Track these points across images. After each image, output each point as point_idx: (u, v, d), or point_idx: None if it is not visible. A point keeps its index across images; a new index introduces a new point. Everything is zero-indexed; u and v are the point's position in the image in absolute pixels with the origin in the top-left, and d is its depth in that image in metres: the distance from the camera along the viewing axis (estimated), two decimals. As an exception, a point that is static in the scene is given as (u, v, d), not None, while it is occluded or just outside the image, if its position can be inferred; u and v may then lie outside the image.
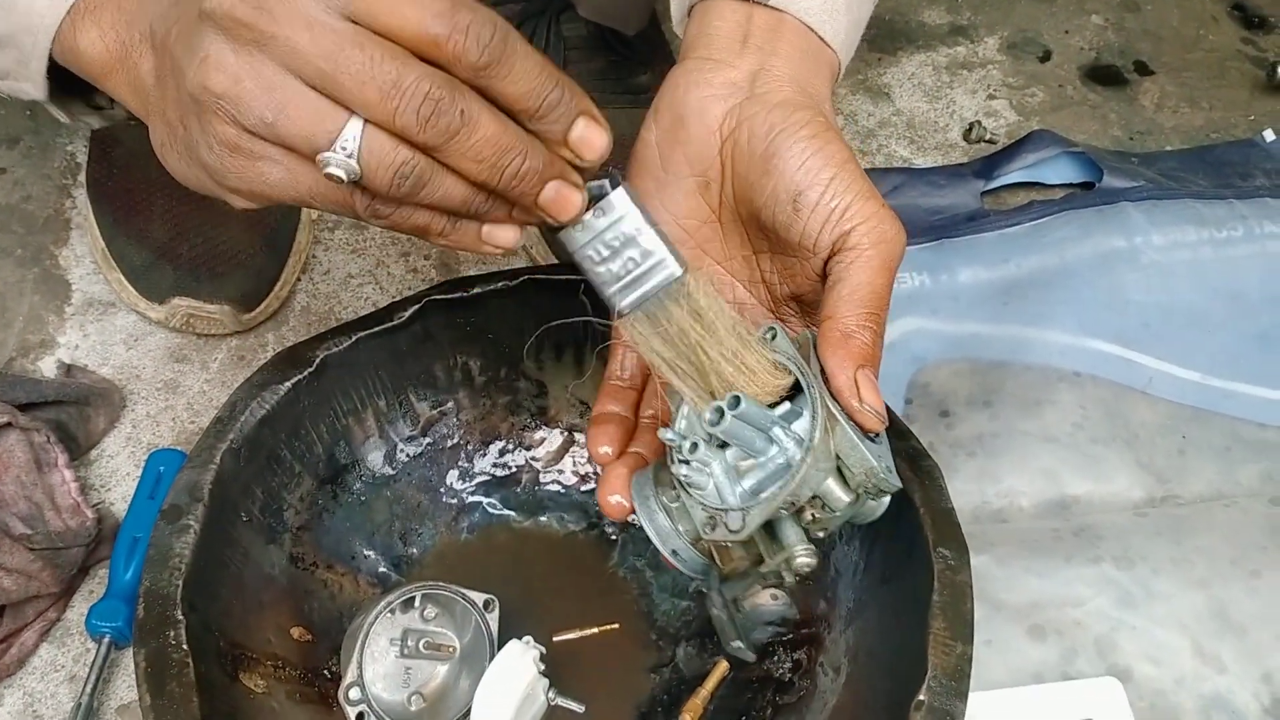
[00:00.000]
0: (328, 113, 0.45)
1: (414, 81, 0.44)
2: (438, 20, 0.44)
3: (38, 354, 0.85)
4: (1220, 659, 0.71)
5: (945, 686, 0.55)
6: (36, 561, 0.69)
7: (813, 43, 0.58)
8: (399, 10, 0.44)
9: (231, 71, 0.45)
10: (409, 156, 0.45)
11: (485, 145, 0.45)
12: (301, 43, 0.44)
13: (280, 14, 0.44)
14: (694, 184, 0.58)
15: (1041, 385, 0.84)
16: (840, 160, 0.54)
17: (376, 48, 0.44)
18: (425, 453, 0.74)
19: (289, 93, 0.45)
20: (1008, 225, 0.93)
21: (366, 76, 0.44)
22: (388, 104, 0.44)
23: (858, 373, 0.51)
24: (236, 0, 0.44)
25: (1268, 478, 0.81)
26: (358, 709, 0.62)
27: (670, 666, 0.69)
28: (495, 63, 0.45)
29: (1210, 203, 0.93)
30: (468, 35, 0.44)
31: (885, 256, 0.53)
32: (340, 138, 0.45)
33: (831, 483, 0.50)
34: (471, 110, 0.45)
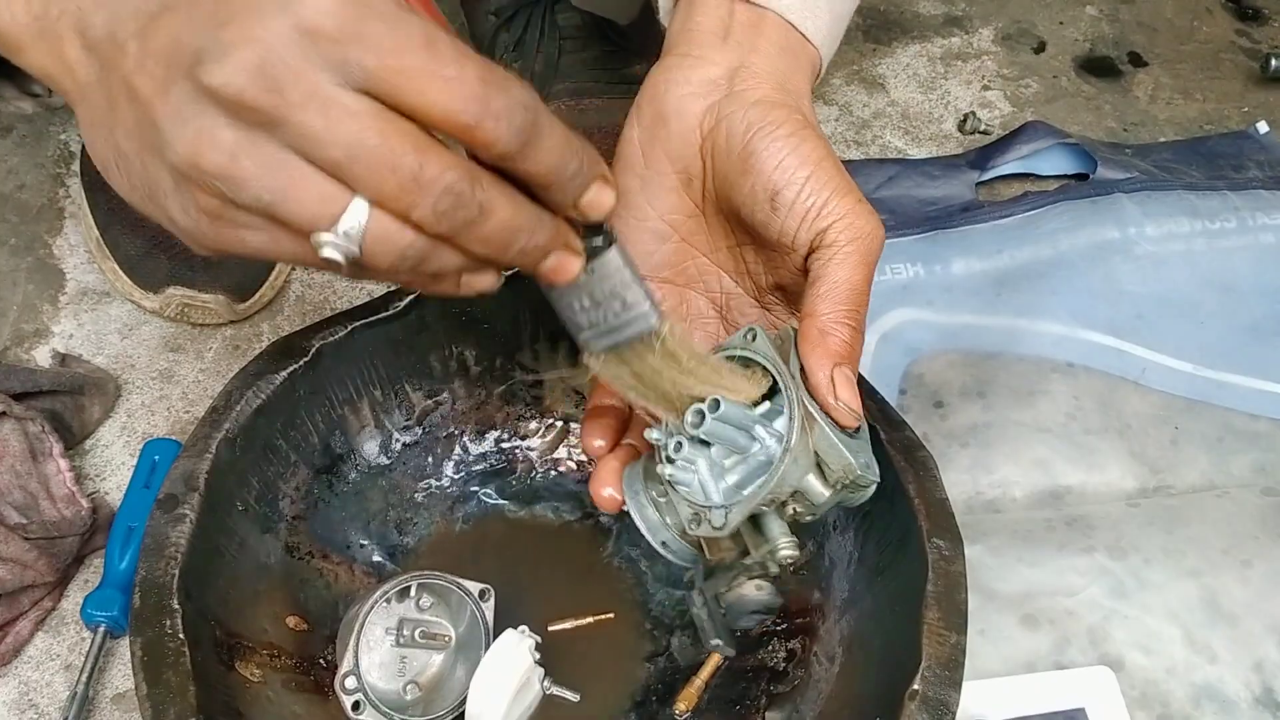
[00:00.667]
0: (333, 196, 0.41)
1: (436, 175, 0.41)
2: (469, 105, 0.41)
3: (32, 343, 0.85)
4: (1211, 648, 0.72)
5: (939, 676, 0.55)
6: (31, 551, 0.69)
7: (793, 38, 0.58)
8: (426, 91, 0.40)
9: (228, 149, 0.40)
10: (414, 240, 0.42)
11: (497, 232, 0.44)
12: (315, 127, 0.40)
13: (294, 96, 0.39)
14: (676, 180, 0.58)
15: (1035, 376, 0.85)
16: (817, 158, 0.54)
17: (396, 134, 0.40)
18: (420, 442, 0.74)
19: (292, 174, 0.41)
20: (1002, 216, 0.93)
21: (385, 166, 0.40)
22: (405, 197, 0.41)
23: (834, 370, 0.51)
24: (247, 82, 0.39)
25: (1259, 468, 0.81)
26: (354, 697, 0.62)
27: (665, 655, 0.69)
28: (523, 147, 0.42)
29: (1204, 194, 0.94)
30: (500, 122, 0.41)
31: (863, 252, 0.53)
32: (343, 221, 0.41)
33: (811, 478, 0.51)
34: (490, 200, 0.43)
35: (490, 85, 0.41)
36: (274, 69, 0.39)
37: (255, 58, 0.39)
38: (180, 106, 0.40)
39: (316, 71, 0.39)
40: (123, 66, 0.42)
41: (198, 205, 0.42)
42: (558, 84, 0.92)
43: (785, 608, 0.69)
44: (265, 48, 0.39)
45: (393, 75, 0.40)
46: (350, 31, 0.39)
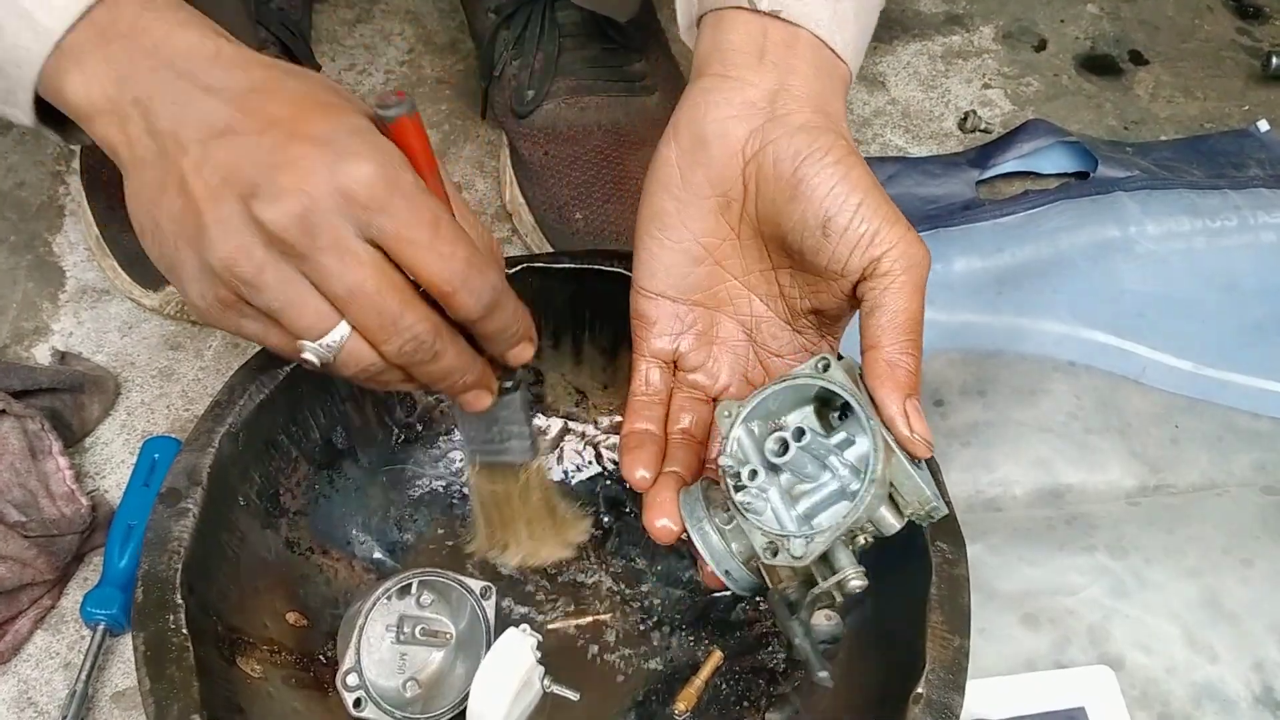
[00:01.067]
0: (327, 317, 0.50)
1: (411, 324, 0.51)
2: (453, 279, 0.50)
3: (32, 341, 0.85)
4: (1212, 648, 0.72)
5: (943, 680, 0.55)
6: (31, 549, 0.69)
7: (826, 57, 0.58)
8: (423, 260, 0.50)
9: (258, 263, 0.49)
10: (375, 362, 0.52)
11: (440, 371, 0.54)
12: (331, 267, 0.49)
13: (322, 241, 0.48)
14: (714, 204, 0.59)
15: (1036, 375, 0.84)
16: (866, 186, 0.55)
17: (390, 286, 0.50)
18: (422, 439, 0.74)
19: (301, 294, 0.50)
20: (1002, 215, 0.93)
21: (374, 308, 0.50)
22: (382, 333, 0.51)
23: (906, 402, 0.53)
24: (290, 224, 0.48)
25: (1260, 467, 0.81)
26: (355, 694, 0.62)
27: (665, 655, 0.69)
28: (484, 315, 0.53)
29: (1204, 193, 0.93)
30: (473, 296, 0.51)
31: (917, 280, 0.54)
32: (328, 337, 0.51)
33: (885, 510, 0.53)
34: (444, 349, 0.53)
35: (472, 267, 0.51)
36: (313, 218, 0.48)
37: (301, 206, 0.48)
38: (229, 220, 0.49)
39: (344, 225, 0.49)
40: (181, 163, 0.50)
41: (217, 296, 0.51)
42: (557, 81, 0.91)
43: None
44: (311, 200, 0.48)
45: (401, 242, 0.50)
46: (379, 201, 0.49)
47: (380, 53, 1.07)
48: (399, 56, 1.07)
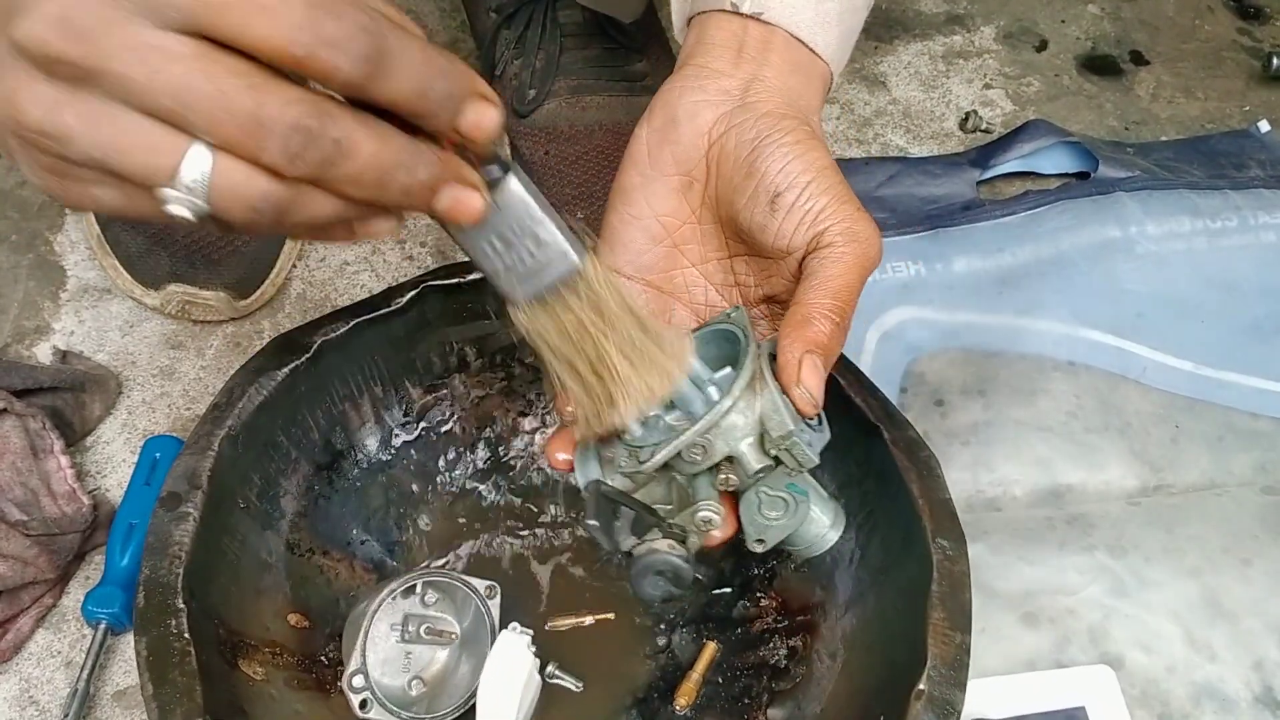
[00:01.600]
0: (167, 144, 0.38)
1: (277, 112, 0.37)
2: (298, 34, 0.37)
3: (33, 340, 0.85)
4: (1211, 647, 0.72)
5: (945, 676, 0.55)
6: (33, 548, 0.69)
7: (804, 55, 0.59)
8: (250, 25, 0.37)
9: (47, 104, 0.38)
10: (268, 188, 0.39)
11: (366, 170, 0.40)
12: (136, 75, 0.37)
13: (107, 45, 0.37)
14: (677, 183, 0.59)
15: (1036, 374, 0.85)
16: (820, 166, 0.55)
17: (227, 74, 0.37)
18: (421, 438, 0.74)
19: (119, 125, 0.38)
20: (1003, 215, 0.93)
21: (219, 110, 0.37)
22: (248, 141, 0.38)
23: (805, 355, 0.51)
24: (51, 33, 0.37)
25: (1260, 467, 0.81)
26: (362, 695, 0.62)
27: (666, 653, 0.69)
28: (371, 73, 0.38)
29: (1205, 193, 0.94)
30: (335, 50, 0.37)
31: (858, 255, 0.54)
32: (183, 172, 0.38)
33: (747, 444, 0.52)
34: (347, 133, 0.39)
35: (319, 10, 0.37)
36: (79, 18, 0.36)
37: (56, 6, 0.36)
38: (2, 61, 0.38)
39: (128, 17, 0.37)
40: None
41: (39, 164, 0.40)
42: (558, 81, 0.92)
43: (787, 605, 0.69)
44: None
45: (210, 12, 0.37)
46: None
47: (381, 51, 1.06)
48: (400, 55, 1.07)
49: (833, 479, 0.67)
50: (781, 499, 0.53)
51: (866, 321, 0.86)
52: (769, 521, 0.53)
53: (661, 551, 0.54)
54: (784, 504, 0.53)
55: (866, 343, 0.85)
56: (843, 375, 0.65)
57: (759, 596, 0.70)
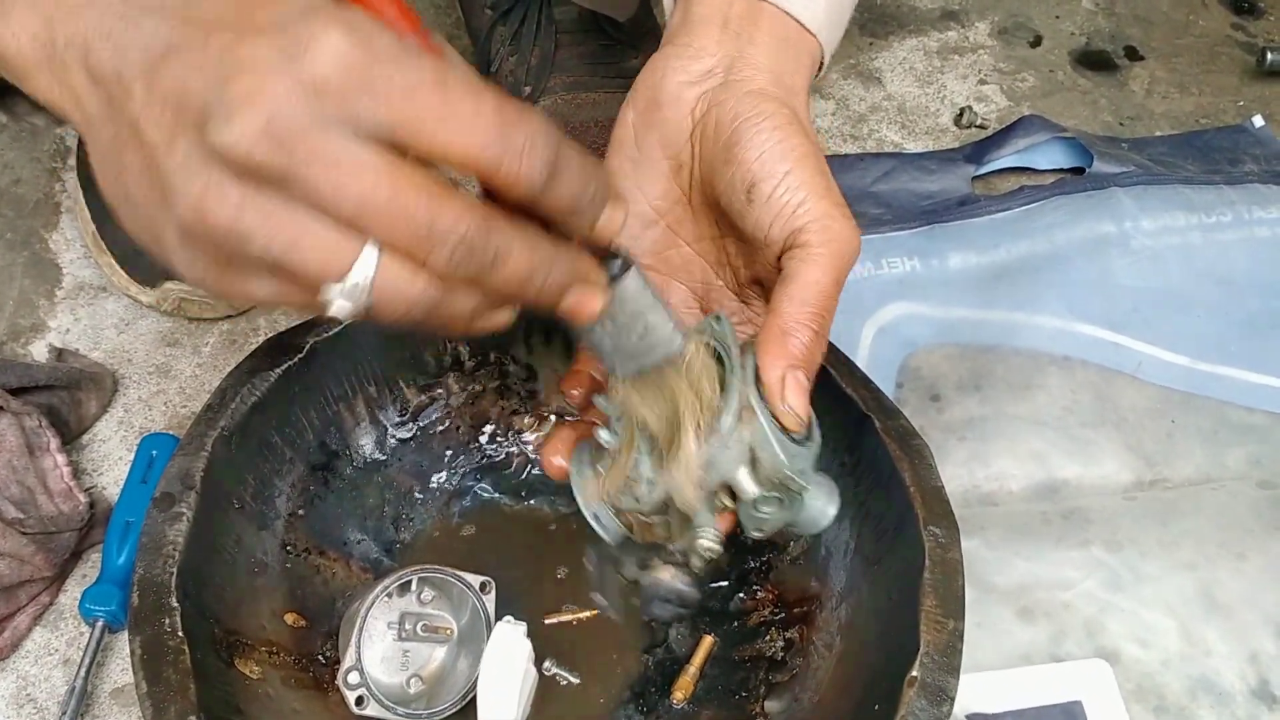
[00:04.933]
0: (342, 247, 0.39)
1: (450, 225, 0.39)
2: (490, 146, 0.39)
3: (28, 338, 0.85)
4: (1207, 641, 0.72)
5: (938, 662, 0.55)
6: (29, 545, 0.69)
7: (791, 29, 0.58)
8: (443, 135, 0.39)
9: (234, 204, 0.39)
10: (427, 289, 0.41)
11: (514, 275, 0.42)
12: (325, 183, 0.38)
13: (302, 154, 0.38)
14: (667, 166, 0.59)
15: (1031, 369, 0.85)
16: (799, 155, 0.54)
17: (408, 185, 0.39)
18: (416, 438, 0.74)
19: (300, 226, 0.39)
20: (998, 210, 0.93)
21: (397, 220, 0.39)
22: (418, 245, 0.39)
23: (788, 372, 0.51)
24: (254, 143, 0.38)
25: (1255, 461, 0.81)
26: (357, 692, 0.62)
27: (663, 647, 0.69)
28: (547, 183, 0.40)
29: (1199, 188, 0.94)
30: (523, 160, 0.39)
31: (834, 256, 0.52)
32: (353, 273, 0.40)
33: (742, 473, 0.51)
34: (505, 244, 0.41)
35: (509, 122, 0.39)
36: (281, 128, 0.38)
37: (262, 117, 0.38)
38: (188, 160, 0.39)
39: (326, 127, 0.38)
40: (129, 108, 0.41)
41: (207, 258, 0.41)
42: (554, 78, 0.91)
43: (783, 597, 0.69)
44: (272, 106, 0.37)
45: (406, 123, 0.38)
46: (357, 82, 0.38)
47: (376, 49, 1.06)
48: (395, 53, 1.06)
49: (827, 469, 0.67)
50: (775, 497, 0.53)
51: (862, 317, 0.86)
52: (765, 516, 0.53)
53: (665, 580, 0.54)
54: (778, 500, 0.53)
55: (862, 338, 0.85)
56: (834, 367, 0.65)
57: (755, 589, 0.70)
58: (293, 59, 0.38)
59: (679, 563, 0.54)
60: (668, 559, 0.54)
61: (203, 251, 0.41)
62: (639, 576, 0.54)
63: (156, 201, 0.41)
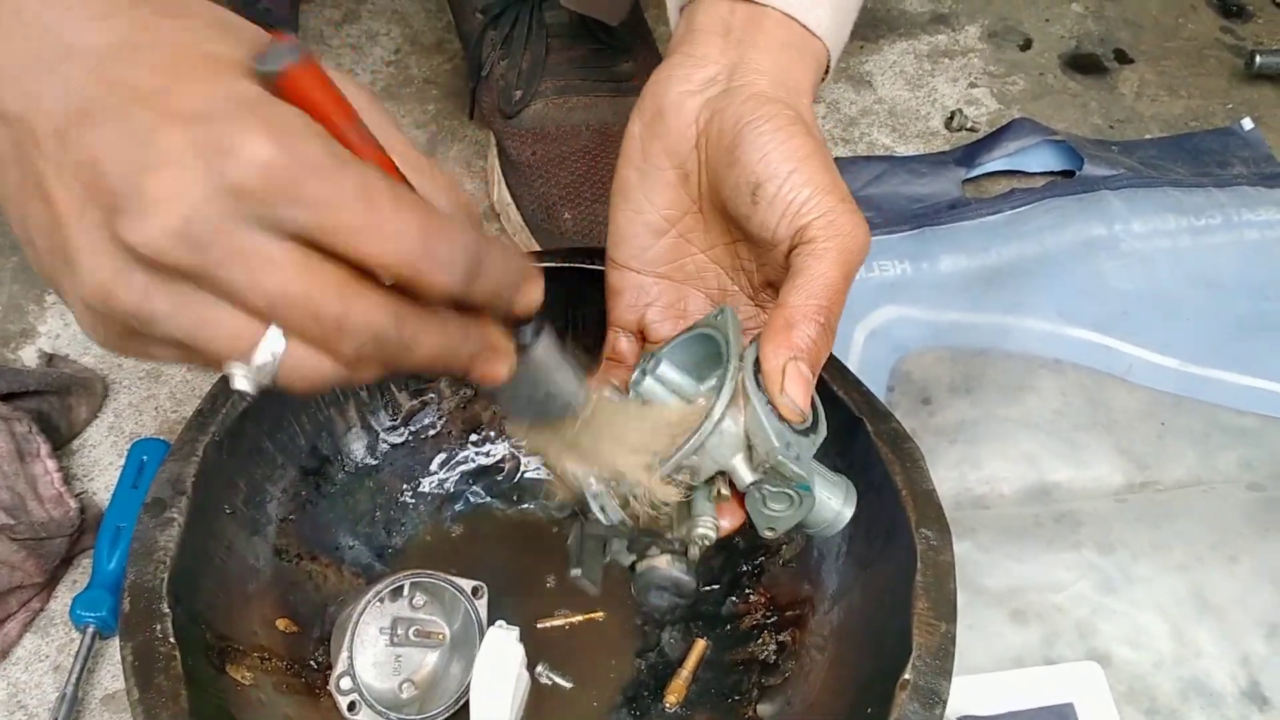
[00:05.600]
0: (248, 331, 0.39)
1: (362, 322, 0.39)
2: (411, 257, 0.39)
3: (18, 343, 0.85)
4: (1198, 643, 0.72)
5: (930, 665, 0.55)
6: (20, 552, 0.69)
7: (795, 33, 0.58)
8: (365, 246, 0.38)
9: (140, 292, 0.38)
10: (333, 372, 0.41)
11: (422, 359, 0.42)
12: (237, 281, 0.38)
13: (217, 254, 0.37)
14: (674, 175, 0.59)
15: (1022, 372, 0.85)
16: (803, 154, 0.54)
17: (320, 283, 0.38)
18: (407, 442, 0.74)
19: (207, 315, 0.39)
20: (989, 213, 0.93)
21: (308, 313, 0.38)
22: (327, 341, 0.39)
23: (789, 363, 0.51)
24: (168, 245, 0.37)
25: (1245, 464, 0.81)
26: (349, 698, 0.62)
27: (656, 651, 0.69)
28: (467, 285, 0.41)
29: (1189, 191, 0.94)
30: (443, 268, 0.40)
31: (841, 250, 0.53)
32: (258, 355, 0.39)
33: (738, 460, 0.52)
34: (416, 335, 0.41)
35: (431, 234, 0.39)
36: (196, 231, 0.37)
37: (177, 220, 0.36)
38: (96, 240, 0.38)
39: (241, 227, 0.37)
40: (37, 161, 0.39)
41: (108, 329, 0.41)
42: (545, 82, 0.91)
43: (776, 601, 0.69)
44: (188, 208, 0.36)
45: (328, 232, 0.38)
46: (278, 191, 0.37)
47: (367, 53, 1.06)
48: (386, 56, 1.06)
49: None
50: (786, 493, 0.52)
51: (854, 320, 0.87)
52: (775, 514, 0.52)
53: (661, 568, 0.53)
54: (789, 497, 0.52)
55: (854, 341, 0.86)
56: (825, 370, 0.65)
57: (748, 593, 0.70)
58: (213, 161, 0.37)
59: (676, 550, 0.53)
60: (665, 547, 0.53)
61: (104, 321, 0.40)
62: (634, 563, 0.54)
63: (60, 265, 0.39)
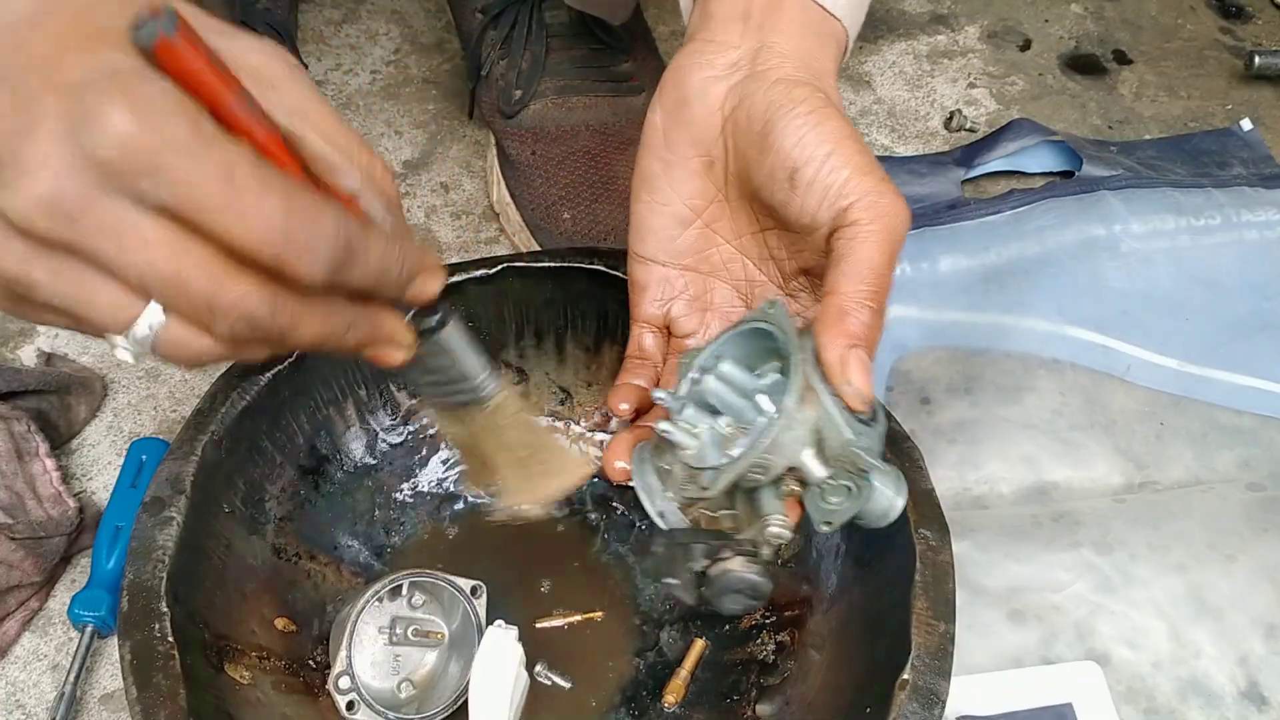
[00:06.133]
0: (126, 305, 0.40)
1: (234, 300, 0.40)
2: (270, 239, 0.39)
3: (17, 343, 0.85)
4: (1197, 643, 0.72)
5: (929, 665, 0.55)
6: (18, 551, 0.69)
7: (814, 14, 0.57)
8: (224, 225, 0.39)
9: (19, 257, 0.39)
10: (210, 349, 0.42)
11: (304, 341, 0.43)
12: (108, 252, 0.39)
13: (86, 225, 0.38)
14: (699, 164, 0.58)
15: (1021, 372, 0.85)
16: (838, 136, 0.53)
17: (190, 260, 0.39)
18: (406, 442, 0.74)
19: (85, 286, 0.40)
20: (988, 213, 0.93)
21: (178, 291, 0.39)
22: (199, 318, 0.40)
23: (849, 351, 0.50)
24: (36, 214, 0.38)
25: (1244, 464, 0.81)
26: (348, 697, 0.62)
27: (654, 650, 0.69)
28: (335, 274, 0.41)
29: (1188, 191, 0.94)
30: (305, 255, 0.40)
31: (886, 230, 0.52)
32: (136, 327, 0.40)
33: (808, 455, 0.51)
34: (294, 318, 0.41)
35: (293, 217, 0.39)
36: (63, 202, 0.38)
37: (45, 189, 0.37)
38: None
39: (109, 199, 0.38)
40: None
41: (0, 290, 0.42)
42: (544, 81, 0.92)
43: (774, 601, 0.69)
44: (55, 177, 0.37)
45: (189, 208, 0.38)
46: (140, 165, 0.38)
47: (366, 53, 1.06)
48: (385, 56, 1.07)
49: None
50: (844, 485, 0.52)
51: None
52: (834, 507, 0.52)
53: (736, 570, 0.53)
54: (846, 489, 0.52)
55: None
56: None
57: (748, 594, 0.70)
58: (77, 133, 0.37)
59: (748, 552, 0.53)
60: (737, 549, 0.53)
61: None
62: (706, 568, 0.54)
63: None
